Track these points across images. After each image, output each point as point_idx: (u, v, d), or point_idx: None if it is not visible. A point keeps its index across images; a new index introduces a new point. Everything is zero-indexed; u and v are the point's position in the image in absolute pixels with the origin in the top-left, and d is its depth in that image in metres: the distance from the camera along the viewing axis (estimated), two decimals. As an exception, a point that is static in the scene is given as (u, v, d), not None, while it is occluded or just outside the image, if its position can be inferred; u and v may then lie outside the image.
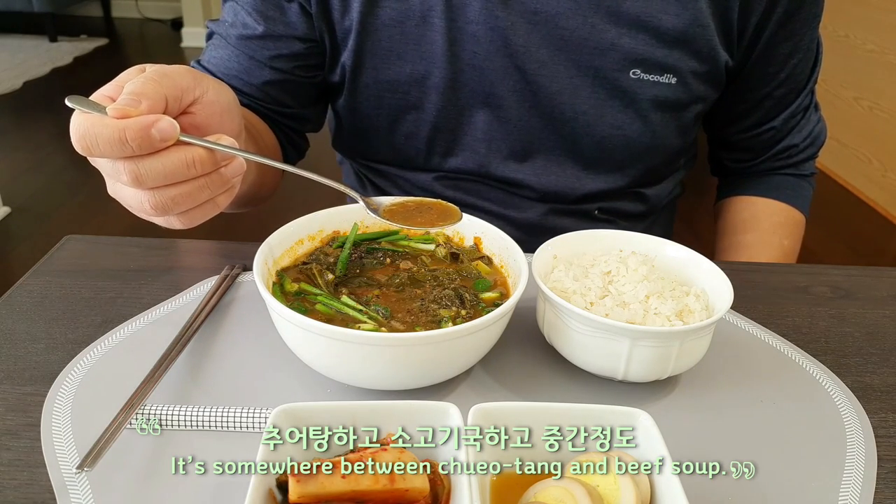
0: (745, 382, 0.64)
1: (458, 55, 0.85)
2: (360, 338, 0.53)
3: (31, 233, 2.65)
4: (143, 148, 0.54)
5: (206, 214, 0.61)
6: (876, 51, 2.96)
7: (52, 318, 0.68)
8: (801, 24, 0.88)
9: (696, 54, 0.85)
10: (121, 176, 0.55)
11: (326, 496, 0.42)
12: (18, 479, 0.50)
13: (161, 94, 0.56)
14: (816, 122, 1.02)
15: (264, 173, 0.88)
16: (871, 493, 0.53)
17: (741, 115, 0.99)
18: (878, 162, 3.01)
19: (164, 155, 0.55)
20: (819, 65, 0.96)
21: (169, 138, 0.55)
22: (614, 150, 0.91)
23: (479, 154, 0.93)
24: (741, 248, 1.01)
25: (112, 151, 0.54)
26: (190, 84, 0.59)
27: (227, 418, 0.55)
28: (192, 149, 0.56)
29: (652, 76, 0.86)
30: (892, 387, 0.66)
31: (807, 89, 0.97)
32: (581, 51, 0.84)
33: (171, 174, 0.56)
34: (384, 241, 0.73)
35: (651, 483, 0.46)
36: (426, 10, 0.83)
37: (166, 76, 0.58)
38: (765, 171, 1.04)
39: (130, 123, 0.53)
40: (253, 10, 0.86)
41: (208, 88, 0.61)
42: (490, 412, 0.48)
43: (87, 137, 0.53)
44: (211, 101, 0.62)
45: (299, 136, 0.99)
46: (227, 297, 0.72)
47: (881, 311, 0.78)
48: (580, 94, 0.87)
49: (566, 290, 0.62)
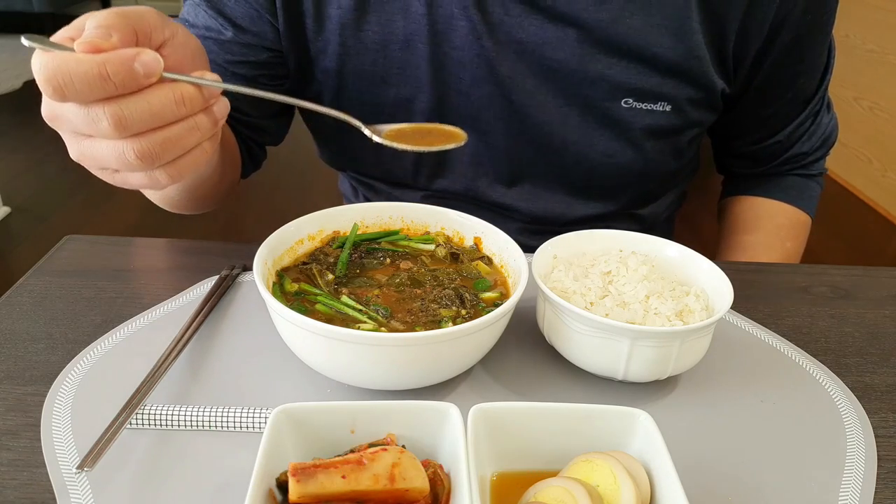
0: (745, 382, 0.64)
1: (444, 81, 0.83)
2: (360, 338, 0.53)
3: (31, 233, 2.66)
4: (125, 85, 0.48)
5: (196, 164, 0.56)
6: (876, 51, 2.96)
7: (52, 318, 0.68)
8: (810, 46, 0.85)
9: (692, 83, 0.82)
10: (100, 122, 0.49)
11: (326, 496, 0.42)
12: (18, 479, 0.50)
13: (130, 27, 0.51)
14: (828, 123, 0.99)
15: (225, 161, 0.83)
16: (871, 493, 0.53)
17: (744, 131, 0.97)
18: (879, 162, 3.01)
19: (150, 93, 0.49)
20: (830, 70, 0.92)
21: (153, 73, 0.49)
22: (606, 177, 0.89)
23: (466, 177, 0.91)
24: (743, 248, 1.00)
25: (90, 91, 0.47)
26: (158, 23, 0.54)
27: (227, 418, 0.55)
28: (180, 85, 0.51)
29: (645, 104, 0.83)
30: (892, 387, 0.66)
31: (816, 97, 0.94)
32: (569, 81, 0.81)
33: (158, 114, 0.50)
34: (384, 241, 0.73)
35: (651, 483, 0.46)
36: (410, 34, 0.81)
37: (133, 11, 0.52)
38: (772, 173, 1.03)
39: (111, 57, 0.47)
40: (219, 14, 0.81)
41: (177, 30, 0.56)
42: (490, 412, 0.48)
43: (59, 75, 0.46)
44: (182, 43, 0.56)
45: (258, 147, 0.95)
46: (227, 297, 0.72)
47: (881, 311, 0.78)
48: (569, 123, 0.84)
49: (566, 290, 0.62)
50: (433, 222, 0.74)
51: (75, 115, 0.49)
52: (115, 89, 0.48)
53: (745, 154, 1.02)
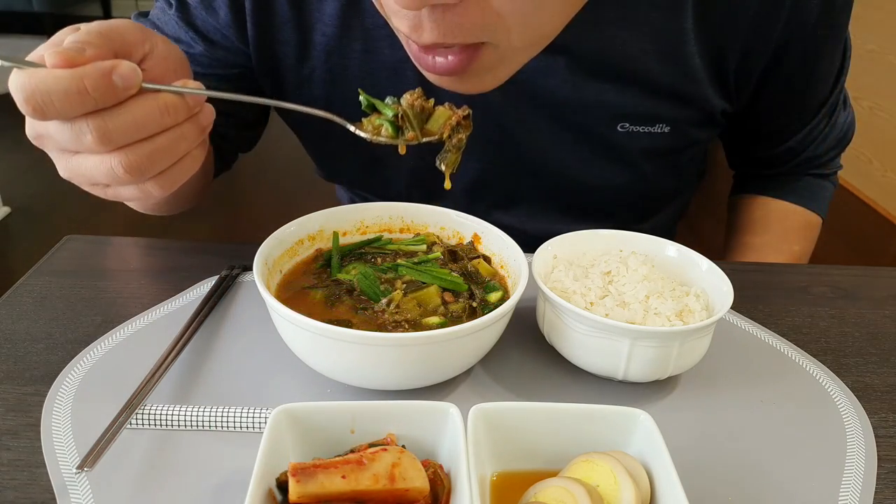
0: (746, 382, 0.64)
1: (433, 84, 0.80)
2: (360, 338, 0.53)
3: (31, 233, 2.66)
4: (105, 98, 0.47)
5: (186, 173, 0.55)
6: (876, 51, 2.96)
7: (52, 318, 0.68)
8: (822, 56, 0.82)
9: (690, 104, 0.80)
10: (84, 137, 0.48)
11: (326, 496, 0.42)
12: (18, 479, 0.50)
13: (108, 45, 0.50)
14: (843, 122, 0.95)
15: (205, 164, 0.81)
16: (871, 493, 0.53)
17: (752, 140, 0.95)
18: (879, 162, 3.01)
19: (133, 104, 0.49)
20: (846, 71, 0.88)
21: (132, 85, 0.48)
22: (603, 200, 0.87)
23: (460, 203, 0.88)
24: (750, 249, 0.99)
25: (71, 107, 0.46)
26: (138, 37, 0.53)
27: (227, 418, 0.55)
28: (163, 95, 0.50)
29: (643, 127, 0.80)
30: (892, 387, 0.66)
31: (830, 101, 0.89)
32: (562, 108, 0.79)
33: (143, 126, 0.49)
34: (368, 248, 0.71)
35: (651, 483, 0.46)
36: (397, 62, 0.78)
37: (111, 27, 0.51)
38: (785, 173, 1.00)
39: (88, 70, 0.46)
40: (189, 27, 0.78)
41: (157, 43, 0.55)
42: (490, 412, 0.49)
43: (37, 94, 0.46)
44: (163, 56, 0.55)
45: (230, 154, 0.92)
46: (227, 297, 0.72)
47: (881, 311, 0.78)
48: (564, 149, 0.82)
49: (566, 290, 0.62)
50: (433, 222, 0.74)
51: (59, 132, 0.49)
52: (95, 103, 0.47)
53: (755, 159, 1.00)
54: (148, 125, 0.49)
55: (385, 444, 0.46)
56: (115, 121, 0.48)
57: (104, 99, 0.47)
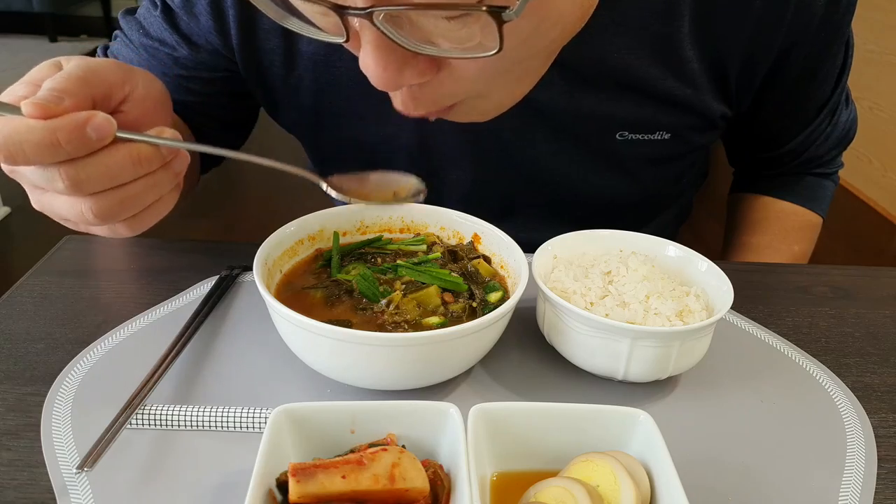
0: (745, 382, 0.64)
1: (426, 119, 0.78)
2: (360, 338, 0.53)
3: (31, 233, 2.65)
4: (78, 151, 0.47)
5: (156, 216, 0.56)
6: (876, 51, 2.96)
7: (52, 318, 0.68)
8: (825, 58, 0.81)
9: (689, 111, 0.78)
10: (56, 184, 0.48)
11: (326, 496, 0.42)
12: (18, 479, 0.50)
13: (86, 92, 0.50)
14: (846, 120, 0.94)
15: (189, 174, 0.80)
16: (871, 493, 0.53)
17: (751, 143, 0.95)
18: (879, 162, 3.01)
19: (106, 154, 0.49)
20: (847, 70, 0.87)
21: (106, 136, 0.49)
22: (601, 207, 0.87)
23: None
24: (750, 249, 0.99)
25: (42, 158, 0.47)
26: (119, 79, 0.53)
27: (227, 418, 0.55)
28: (137, 145, 0.50)
29: (642, 135, 0.79)
30: (892, 387, 0.66)
31: (832, 101, 0.89)
32: (558, 119, 0.78)
33: (115, 175, 0.49)
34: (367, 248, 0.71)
35: (651, 483, 0.46)
36: None
37: (92, 71, 0.51)
38: (786, 173, 0.99)
39: (62, 123, 0.46)
40: (174, 30, 0.76)
41: (138, 83, 0.55)
42: (490, 412, 0.49)
43: (9, 144, 0.46)
44: (142, 97, 0.55)
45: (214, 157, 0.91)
46: (227, 297, 0.72)
47: (881, 311, 0.78)
48: (562, 160, 0.82)
49: (566, 290, 0.62)
50: (433, 222, 0.74)
51: (32, 172, 0.49)
52: (67, 154, 0.47)
53: (756, 159, 1.00)
54: (120, 175, 0.50)
55: (385, 445, 0.46)
56: (87, 170, 0.49)
57: (77, 151, 0.48)
